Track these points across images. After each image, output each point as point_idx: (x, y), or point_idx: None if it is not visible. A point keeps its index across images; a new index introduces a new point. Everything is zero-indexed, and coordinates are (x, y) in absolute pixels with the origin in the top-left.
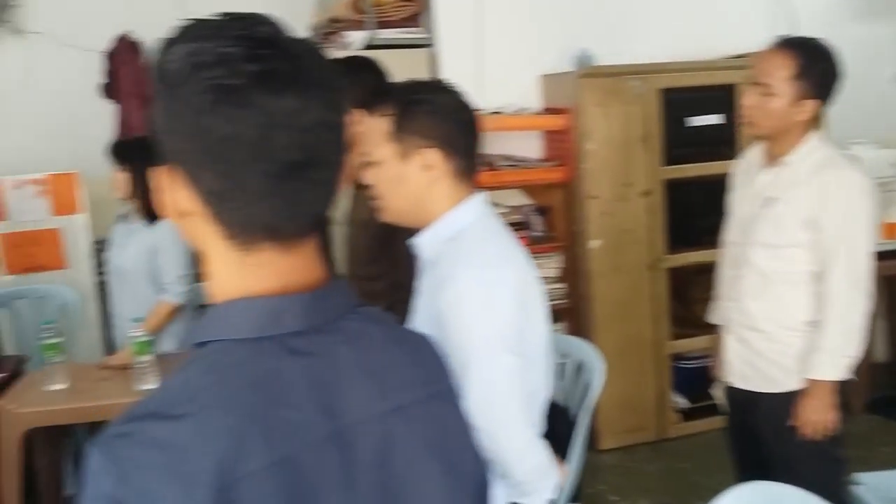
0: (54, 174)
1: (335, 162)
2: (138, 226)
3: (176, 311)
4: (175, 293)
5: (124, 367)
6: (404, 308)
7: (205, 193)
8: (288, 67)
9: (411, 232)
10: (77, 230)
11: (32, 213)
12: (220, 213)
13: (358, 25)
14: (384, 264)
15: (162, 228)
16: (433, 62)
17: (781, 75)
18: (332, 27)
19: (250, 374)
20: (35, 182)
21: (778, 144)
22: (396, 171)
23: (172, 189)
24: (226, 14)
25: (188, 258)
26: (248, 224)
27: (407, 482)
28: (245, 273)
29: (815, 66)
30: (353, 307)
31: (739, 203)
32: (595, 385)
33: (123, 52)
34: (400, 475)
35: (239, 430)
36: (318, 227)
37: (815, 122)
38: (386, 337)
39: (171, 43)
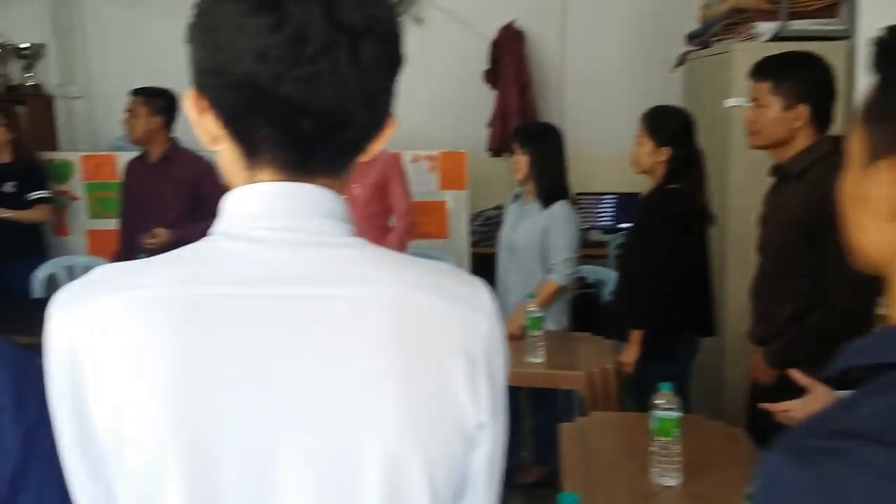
0: (445, 152)
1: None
2: (533, 207)
3: (559, 292)
4: (561, 274)
5: (510, 338)
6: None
7: None
8: None
9: (837, 233)
10: (460, 204)
11: (424, 186)
12: None
13: (768, 16)
14: (806, 262)
15: (554, 211)
16: (849, 55)
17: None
18: (737, 17)
19: None
20: (428, 158)
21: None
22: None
23: None
24: None
25: (577, 242)
26: None
27: None
28: None
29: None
30: None
31: None
32: None
33: (508, 41)
34: None
35: None
36: None
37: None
38: None
39: None
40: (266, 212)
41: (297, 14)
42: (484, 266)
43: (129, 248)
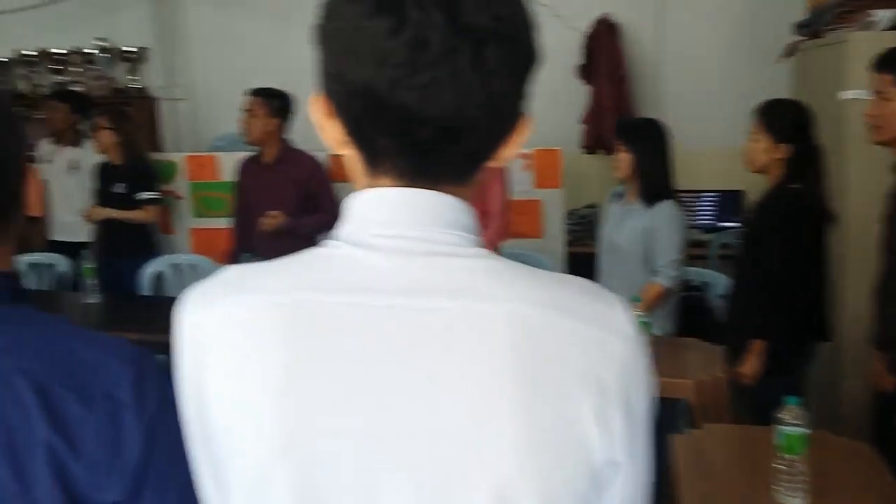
0: (540, 149)
1: None
2: (636, 206)
3: (665, 295)
4: (667, 277)
5: None
6: None
7: None
8: None
9: None
10: (554, 203)
11: (519, 184)
12: None
13: (886, 3)
14: None
15: (660, 211)
16: None
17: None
18: (852, 5)
19: None
20: (523, 156)
21: None
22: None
23: None
24: None
25: (683, 243)
26: None
27: None
28: None
29: None
30: None
31: None
32: None
33: (602, 34)
34: None
35: None
36: None
37: None
38: None
39: None
40: (384, 218)
41: (417, 17)
42: (580, 266)
43: (242, 247)
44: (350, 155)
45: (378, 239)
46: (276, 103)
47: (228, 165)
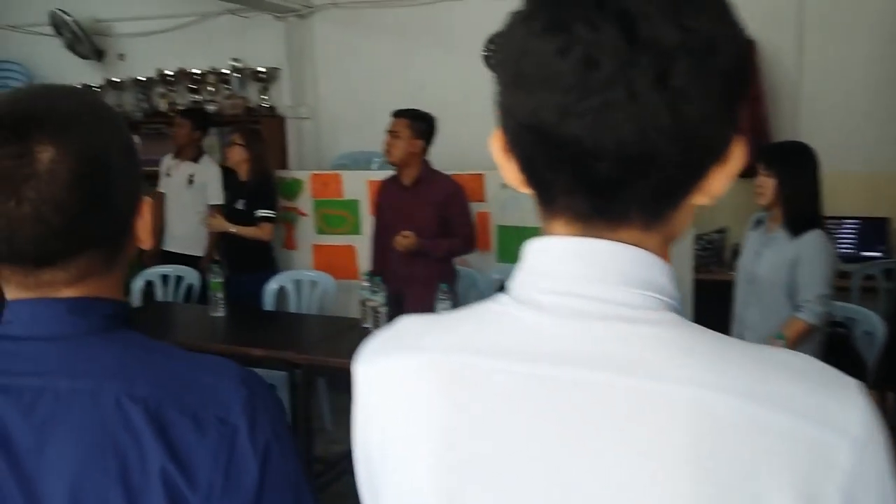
0: None
1: None
2: (779, 235)
3: (809, 332)
4: (812, 312)
5: None
6: None
7: None
8: None
9: None
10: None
11: None
12: None
13: None
14: None
15: (806, 241)
16: None
17: None
18: None
19: None
20: None
21: None
22: None
23: None
24: None
25: (831, 276)
26: None
27: None
28: None
29: None
30: None
31: None
32: None
33: None
34: None
35: None
36: None
37: None
38: None
39: None
40: (554, 273)
41: (587, 34)
42: (707, 294)
43: (380, 268)
44: (531, 195)
45: (546, 296)
46: (420, 125)
47: (351, 183)
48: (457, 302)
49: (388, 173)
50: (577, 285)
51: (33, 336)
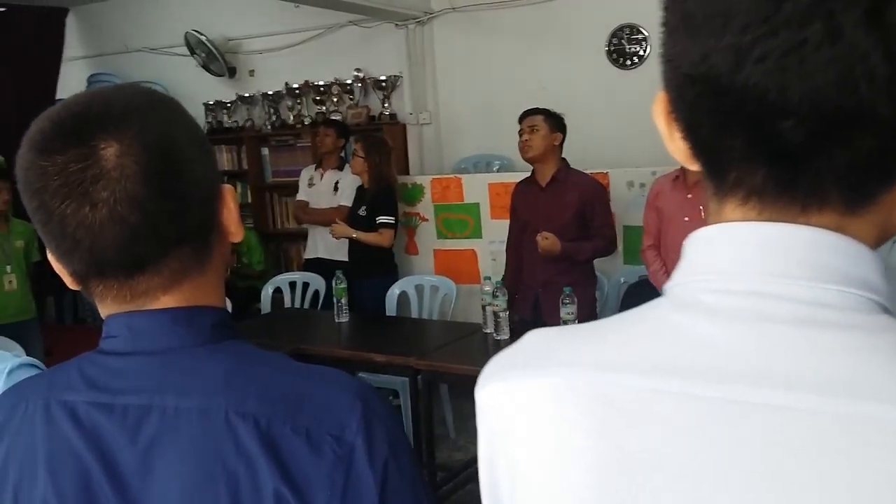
0: None
1: None
2: None
3: None
4: None
5: None
6: None
7: None
8: None
9: None
10: None
11: None
12: None
13: None
14: None
15: None
16: None
17: None
18: None
19: None
20: None
21: None
22: None
23: None
24: None
25: None
26: None
27: None
28: None
29: None
30: None
31: None
32: None
33: None
34: None
35: None
36: None
37: None
38: None
39: None
40: (729, 269)
41: None
42: None
43: (516, 279)
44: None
45: (720, 297)
46: (556, 120)
47: (471, 187)
48: (594, 310)
49: (511, 176)
50: (762, 283)
51: (135, 351)
